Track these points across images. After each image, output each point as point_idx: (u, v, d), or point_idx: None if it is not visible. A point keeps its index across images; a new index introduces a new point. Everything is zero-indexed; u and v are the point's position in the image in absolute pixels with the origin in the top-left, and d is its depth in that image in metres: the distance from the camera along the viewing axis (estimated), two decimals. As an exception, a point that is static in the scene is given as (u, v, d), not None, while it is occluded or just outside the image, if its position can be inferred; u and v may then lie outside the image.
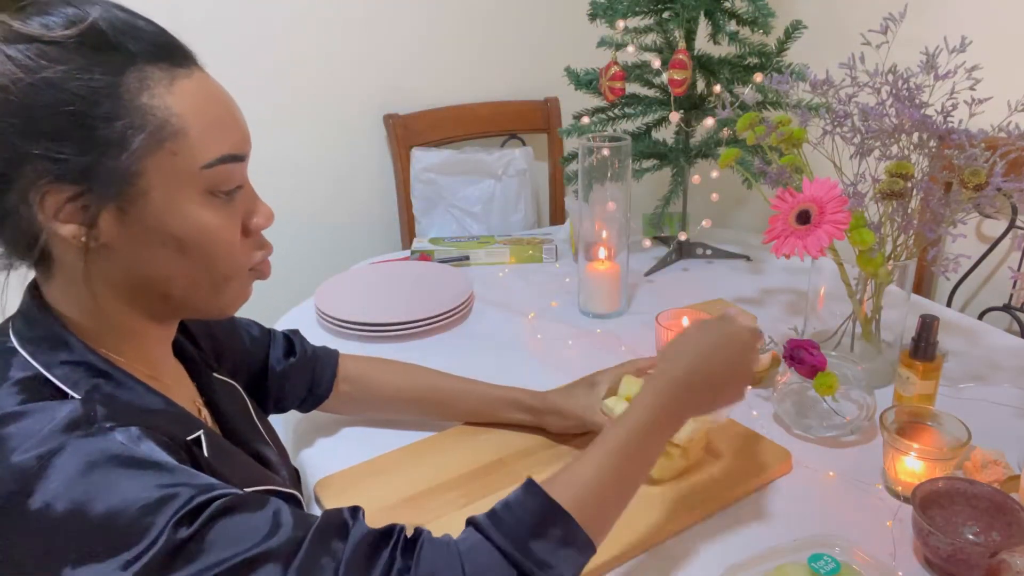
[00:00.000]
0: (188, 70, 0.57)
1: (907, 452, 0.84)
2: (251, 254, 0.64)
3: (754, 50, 1.46)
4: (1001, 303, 1.52)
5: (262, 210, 0.64)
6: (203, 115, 0.56)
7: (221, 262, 0.60)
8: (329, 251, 1.99)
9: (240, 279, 0.63)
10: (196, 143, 0.56)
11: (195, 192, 0.57)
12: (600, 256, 1.31)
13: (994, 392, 1.07)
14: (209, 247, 0.59)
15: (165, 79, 0.55)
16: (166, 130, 0.54)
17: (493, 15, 2.00)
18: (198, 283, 0.61)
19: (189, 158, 0.56)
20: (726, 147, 1.28)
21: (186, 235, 0.57)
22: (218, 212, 0.59)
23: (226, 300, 0.64)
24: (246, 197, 0.62)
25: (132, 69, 0.53)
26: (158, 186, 0.55)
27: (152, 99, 0.54)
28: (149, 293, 0.60)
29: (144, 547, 0.49)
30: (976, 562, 0.71)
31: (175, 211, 0.56)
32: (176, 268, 0.59)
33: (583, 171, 1.26)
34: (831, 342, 1.10)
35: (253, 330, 0.92)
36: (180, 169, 0.56)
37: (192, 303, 0.62)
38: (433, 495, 0.86)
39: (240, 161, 0.59)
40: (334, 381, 0.95)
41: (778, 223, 0.97)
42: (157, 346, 0.66)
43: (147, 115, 0.54)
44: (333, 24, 1.84)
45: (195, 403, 0.72)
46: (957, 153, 0.96)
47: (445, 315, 1.28)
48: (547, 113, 2.08)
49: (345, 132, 1.94)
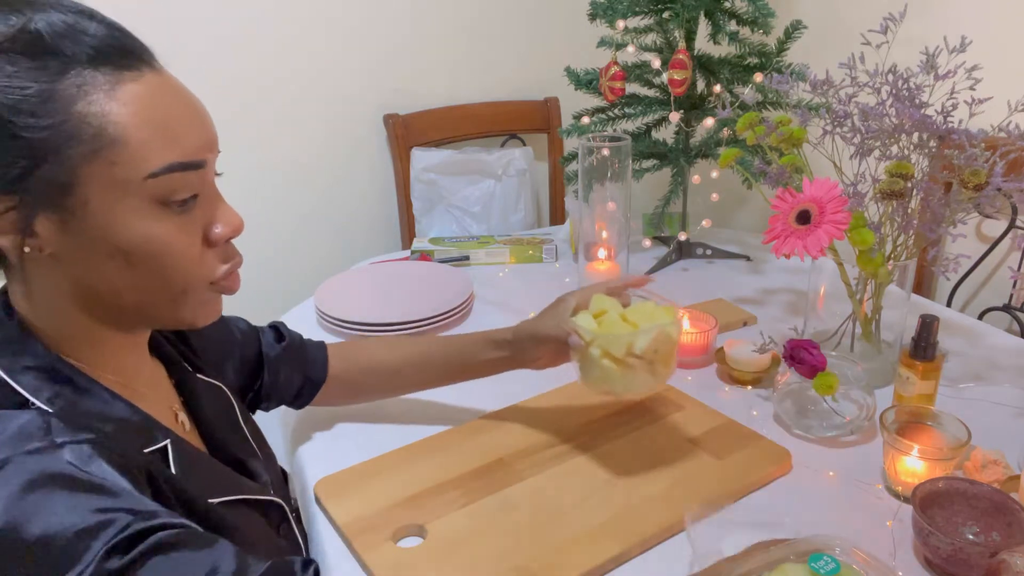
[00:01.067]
0: (137, 72, 0.53)
1: (907, 452, 0.84)
2: (214, 266, 0.60)
3: (754, 50, 1.46)
4: (1001, 303, 1.52)
5: (226, 219, 0.60)
6: (148, 122, 0.53)
7: (174, 274, 0.57)
8: (329, 251, 1.99)
9: (199, 293, 0.60)
10: (138, 152, 0.53)
11: (142, 202, 0.54)
12: (600, 256, 1.31)
13: (994, 392, 1.07)
14: (159, 259, 0.56)
15: (106, 84, 0.52)
16: (103, 139, 0.51)
17: (493, 15, 2.00)
18: (152, 296, 0.58)
19: (131, 168, 0.53)
20: (726, 147, 1.28)
21: (132, 247, 0.55)
22: (169, 222, 0.56)
23: (189, 314, 0.61)
24: (206, 205, 0.59)
25: (70, 75, 0.51)
26: (98, 197, 0.53)
27: (89, 106, 0.51)
28: (103, 304, 0.58)
29: (76, 574, 0.47)
30: (976, 562, 0.71)
31: (119, 222, 0.54)
32: (125, 280, 0.56)
33: (583, 171, 1.26)
34: (831, 342, 1.10)
35: (241, 324, 0.92)
36: (121, 179, 0.53)
37: (151, 315, 0.60)
38: (433, 495, 0.86)
39: (194, 169, 0.56)
40: (327, 364, 0.95)
41: (778, 223, 0.97)
42: (126, 352, 0.64)
43: (81, 123, 0.51)
44: (333, 24, 1.84)
45: (172, 408, 0.70)
46: (957, 153, 0.96)
47: (445, 315, 1.28)
48: (547, 113, 2.08)
49: (345, 132, 1.94)
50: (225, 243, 0.61)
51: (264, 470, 0.77)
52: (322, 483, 0.89)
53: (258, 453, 0.79)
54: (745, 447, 0.93)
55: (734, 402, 1.07)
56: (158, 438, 0.60)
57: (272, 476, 0.80)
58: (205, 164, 0.57)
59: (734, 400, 1.07)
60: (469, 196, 1.96)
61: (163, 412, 0.68)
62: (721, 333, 1.24)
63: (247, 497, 0.68)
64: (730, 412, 1.01)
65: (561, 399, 1.06)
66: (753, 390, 1.10)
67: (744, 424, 0.99)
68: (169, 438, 0.61)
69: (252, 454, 0.77)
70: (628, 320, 0.88)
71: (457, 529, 0.81)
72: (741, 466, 0.90)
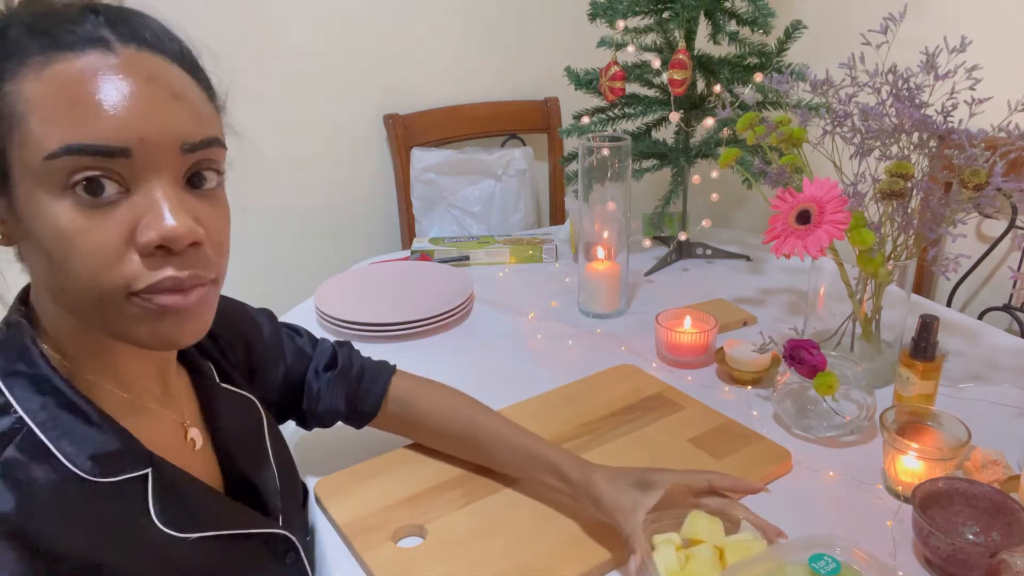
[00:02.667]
0: (78, 52, 0.49)
1: (907, 452, 0.84)
2: (133, 274, 0.51)
3: (754, 50, 1.46)
4: (1001, 303, 1.52)
5: (156, 223, 0.51)
6: (56, 100, 0.48)
7: (80, 274, 0.51)
8: (329, 251, 1.99)
9: (117, 303, 0.52)
10: (38, 130, 0.49)
11: (50, 188, 0.49)
12: (600, 256, 1.31)
13: (994, 392, 1.07)
14: (65, 253, 0.50)
15: (39, 64, 0.49)
16: (14, 117, 0.49)
17: (493, 15, 2.00)
18: (73, 298, 0.53)
19: (32, 147, 0.49)
20: (726, 147, 1.28)
21: (44, 238, 0.50)
22: (83, 214, 0.50)
23: (122, 327, 0.53)
24: (139, 205, 0.51)
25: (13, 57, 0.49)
26: (20, 179, 0.50)
27: (12, 84, 0.49)
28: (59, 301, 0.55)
29: None
30: (976, 562, 0.71)
31: (36, 208, 0.50)
32: (50, 279, 0.53)
33: (583, 171, 1.26)
34: (831, 342, 1.10)
35: (299, 340, 0.88)
36: (27, 160, 0.49)
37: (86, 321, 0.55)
38: (433, 495, 0.86)
39: (106, 156, 0.49)
40: (383, 400, 0.90)
41: (778, 223, 0.97)
42: (129, 360, 0.60)
43: (2, 101, 0.49)
44: (333, 24, 1.84)
45: (184, 423, 0.66)
46: (957, 153, 0.96)
47: (445, 315, 1.28)
48: (547, 113, 2.08)
49: (345, 132, 1.94)
50: (161, 252, 0.52)
51: (278, 495, 0.73)
52: (322, 483, 0.89)
53: (275, 475, 0.74)
54: (745, 447, 0.93)
55: (734, 402, 1.07)
56: (137, 467, 0.57)
57: (288, 501, 0.75)
58: (128, 152, 0.50)
59: (734, 400, 1.07)
60: (469, 196, 1.96)
61: (167, 429, 0.65)
62: (721, 333, 1.24)
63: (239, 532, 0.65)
64: (730, 412, 1.01)
65: (561, 399, 1.06)
66: (753, 390, 1.10)
67: (744, 424, 0.99)
68: (152, 466, 0.58)
69: (268, 477, 0.73)
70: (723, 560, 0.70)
71: (457, 529, 0.81)
72: (741, 466, 0.90)
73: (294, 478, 0.81)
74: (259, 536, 0.67)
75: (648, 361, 1.18)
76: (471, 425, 0.88)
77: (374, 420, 0.91)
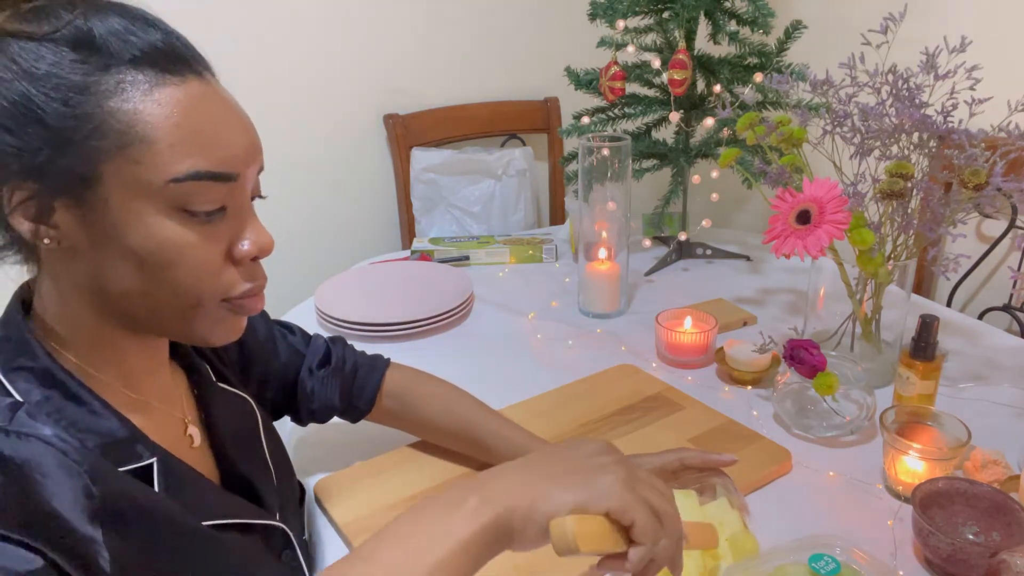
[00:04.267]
0: (180, 78, 0.53)
1: (907, 452, 0.84)
2: (232, 283, 0.58)
3: (754, 50, 1.46)
4: (1001, 303, 1.52)
5: (255, 237, 0.58)
6: (179, 126, 0.53)
7: (186, 285, 0.56)
8: (329, 251, 1.99)
9: (212, 309, 0.58)
10: (163, 154, 0.52)
11: (162, 206, 0.53)
12: (600, 256, 1.31)
13: (994, 392, 1.07)
14: (172, 267, 0.55)
15: (146, 84, 0.52)
16: (130, 136, 0.51)
17: (493, 15, 2.00)
18: (160, 305, 0.56)
19: (154, 169, 0.52)
20: (726, 147, 1.28)
21: (146, 251, 0.54)
22: (189, 231, 0.55)
23: (201, 330, 0.59)
24: (236, 220, 0.58)
25: (111, 72, 0.51)
26: (119, 194, 0.52)
27: (122, 103, 0.51)
28: (115, 305, 0.57)
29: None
30: (976, 562, 0.71)
31: (135, 222, 0.53)
32: (136, 285, 0.55)
33: (583, 171, 1.26)
34: (831, 342, 1.10)
35: (292, 337, 0.89)
36: (143, 179, 0.52)
37: (162, 325, 0.59)
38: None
39: (223, 181, 0.55)
40: (378, 394, 0.90)
41: (778, 223, 0.97)
42: (136, 357, 0.62)
43: (110, 118, 0.51)
44: (333, 24, 1.84)
45: (184, 420, 0.68)
46: (957, 153, 0.96)
47: (445, 315, 1.28)
48: (547, 113, 2.08)
49: (345, 132, 1.94)
50: (250, 262, 0.59)
51: (274, 492, 0.74)
52: (322, 483, 0.89)
53: (271, 472, 0.75)
54: (745, 447, 0.93)
55: (734, 402, 1.07)
56: (143, 456, 0.58)
57: (284, 498, 0.76)
58: (236, 177, 0.56)
59: (734, 400, 1.07)
60: (469, 196, 1.96)
61: (169, 425, 0.66)
62: (721, 333, 1.24)
63: (241, 521, 0.65)
64: (730, 412, 1.01)
65: (561, 399, 1.06)
66: (753, 390, 1.10)
67: (744, 424, 0.99)
68: (156, 456, 0.59)
69: (264, 474, 0.74)
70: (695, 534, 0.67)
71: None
72: (741, 466, 0.90)
73: (290, 477, 0.81)
74: (257, 530, 0.68)
75: (648, 361, 1.18)
76: (466, 420, 0.89)
77: (369, 415, 0.92)
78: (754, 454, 0.92)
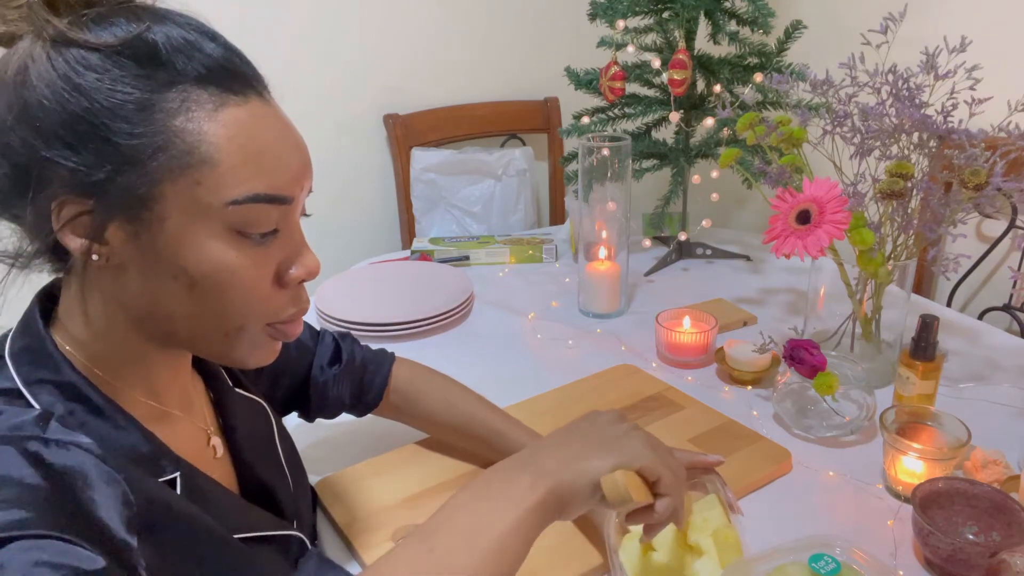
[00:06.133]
0: (243, 98, 0.53)
1: (907, 452, 0.84)
2: (280, 307, 0.57)
3: (754, 50, 1.46)
4: (1001, 303, 1.52)
5: (304, 261, 0.58)
6: (242, 148, 0.52)
7: (235, 308, 0.55)
8: (329, 251, 1.98)
9: (255, 333, 0.57)
10: (225, 176, 0.51)
11: (219, 228, 0.52)
12: (600, 256, 1.31)
13: (994, 392, 1.07)
14: (224, 289, 0.54)
15: (210, 104, 0.51)
16: (193, 156, 0.50)
17: (493, 15, 2.00)
18: (205, 326, 0.55)
19: (214, 190, 0.51)
20: (726, 147, 1.28)
21: (199, 271, 0.53)
22: (243, 254, 0.54)
23: (240, 353, 0.58)
24: (286, 243, 0.57)
25: (175, 89, 0.50)
26: (176, 214, 0.51)
27: (187, 122, 0.50)
28: (156, 324, 0.56)
29: None
30: (976, 562, 0.71)
31: (191, 243, 0.52)
32: (183, 305, 0.54)
33: (583, 171, 1.26)
34: (831, 342, 1.10)
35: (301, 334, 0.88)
36: (203, 200, 0.51)
37: (200, 346, 0.58)
38: (433, 495, 0.86)
39: (280, 204, 0.54)
40: (385, 390, 0.91)
41: (778, 223, 0.97)
42: (163, 371, 0.61)
43: (175, 137, 0.50)
44: (333, 24, 1.84)
45: (207, 429, 0.67)
46: (957, 153, 0.96)
47: (445, 315, 1.28)
48: (547, 113, 2.08)
49: (345, 132, 1.94)
50: (296, 285, 0.58)
51: (291, 497, 0.74)
52: (322, 483, 0.89)
53: (288, 478, 0.75)
54: (745, 447, 0.93)
55: (734, 402, 1.07)
56: (167, 470, 0.58)
57: (299, 503, 0.76)
58: (292, 200, 0.55)
59: (734, 400, 1.07)
60: (469, 196, 1.96)
61: (193, 437, 0.65)
62: (721, 333, 1.24)
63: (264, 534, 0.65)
64: (730, 412, 1.01)
65: (561, 399, 1.06)
66: (753, 390, 1.10)
67: (744, 424, 0.99)
68: (180, 470, 0.58)
69: (281, 479, 0.74)
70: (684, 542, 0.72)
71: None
72: (741, 466, 0.90)
73: (304, 481, 0.81)
74: (276, 541, 0.67)
75: (648, 361, 1.18)
76: (470, 416, 0.90)
77: (376, 409, 0.93)
78: (754, 454, 0.92)
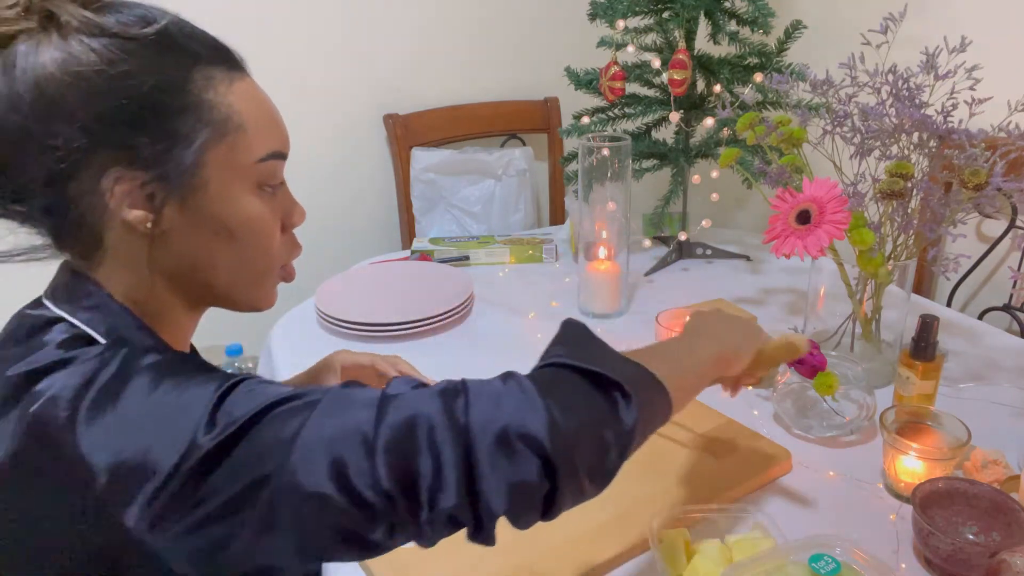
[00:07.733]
0: (242, 72, 0.61)
1: (907, 452, 0.84)
2: (288, 250, 0.67)
3: (754, 50, 1.46)
4: (1001, 303, 1.52)
5: (298, 209, 0.68)
6: (257, 113, 0.60)
7: (263, 254, 0.63)
8: (329, 251, 1.98)
9: (273, 276, 0.66)
10: (252, 138, 0.60)
11: (249, 184, 0.60)
12: (600, 256, 1.31)
13: (994, 392, 1.07)
14: (256, 237, 0.62)
15: (225, 79, 0.59)
16: (228, 125, 0.58)
17: (493, 15, 2.00)
18: (241, 274, 0.63)
19: (245, 152, 0.59)
20: (726, 147, 1.28)
21: (237, 224, 0.60)
22: (266, 203, 0.62)
23: (263, 295, 0.66)
24: (285, 194, 0.66)
25: (198, 68, 0.57)
26: (216, 177, 0.58)
27: (216, 96, 0.58)
28: (195, 281, 0.62)
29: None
30: (976, 562, 0.71)
31: (230, 201, 0.60)
32: (224, 257, 0.61)
33: (583, 171, 1.26)
34: (831, 342, 1.10)
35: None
36: (237, 162, 0.59)
37: (232, 293, 0.65)
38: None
39: (284, 159, 0.63)
40: None
41: (778, 223, 0.97)
42: (186, 338, 0.68)
43: (212, 110, 0.57)
44: (333, 24, 1.84)
45: None
46: (957, 153, 0.96)
47: (445, 315, 1.28)
48: (547, 113, 2.08)
49: (345, 132, 1.94)
50: (291, 232, 0.68)
51: None
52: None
53: None
54: (745, 447, 0.93)
55: (734, 402, 1.06)
56: None
57: None
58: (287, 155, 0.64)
59: (734, 400, 1.07)
60: (469, 196, 1.96)
61: None
62: (721, 333, 1.24)
63: None
64: (730, 412, 1.01)
65: (561, 399, 1.06)
66: (753, 390, 1.10)
67: (744, 424, 0.99)
68: None
69: None
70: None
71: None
72: (741, 466, 0.90)
73: None
74: None
75: (648, 361, 1.18)
76: None
77: None
78: (754, 454, 0.92)
